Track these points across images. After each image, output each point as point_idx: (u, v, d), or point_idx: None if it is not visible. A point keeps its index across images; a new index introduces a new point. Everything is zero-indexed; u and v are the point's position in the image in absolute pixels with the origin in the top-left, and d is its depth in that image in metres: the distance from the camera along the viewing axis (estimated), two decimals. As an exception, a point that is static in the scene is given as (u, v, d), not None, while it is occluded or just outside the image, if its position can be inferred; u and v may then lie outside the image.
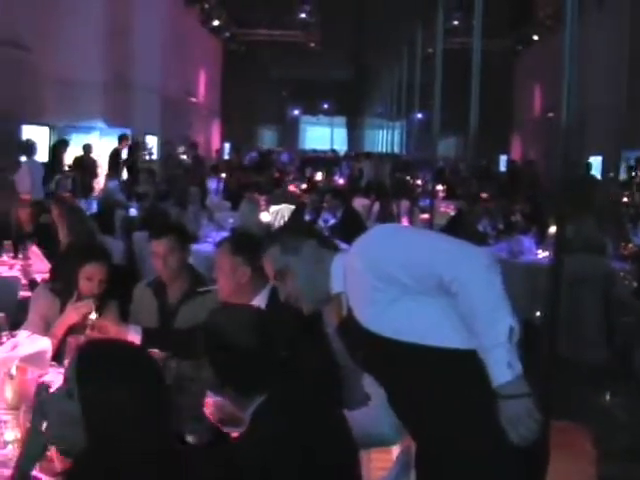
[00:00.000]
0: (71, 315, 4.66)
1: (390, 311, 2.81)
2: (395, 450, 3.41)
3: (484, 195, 13.47)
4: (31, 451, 2.71)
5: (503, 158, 30.09)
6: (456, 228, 9.86)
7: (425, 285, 2.79)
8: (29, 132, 14.91)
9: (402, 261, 2.80)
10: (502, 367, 2.67)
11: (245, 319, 3.00)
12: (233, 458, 2.74)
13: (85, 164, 16.11)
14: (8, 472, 3.02)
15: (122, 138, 17.55)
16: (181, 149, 21.59)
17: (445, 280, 2.73)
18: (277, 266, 3.16)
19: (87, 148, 16.76)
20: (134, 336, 4.31)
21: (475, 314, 2.71)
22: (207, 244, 8.60)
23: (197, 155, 19.94)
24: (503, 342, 2.66)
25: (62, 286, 4.90)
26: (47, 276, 5.87)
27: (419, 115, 18.89)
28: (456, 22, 25.56)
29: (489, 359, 2.70)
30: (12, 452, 3.19)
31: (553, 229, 7.82)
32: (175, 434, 2.55)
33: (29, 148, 12.75)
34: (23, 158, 12.40)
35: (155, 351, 3.94)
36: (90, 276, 4.70)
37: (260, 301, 4.19)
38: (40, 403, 2.70)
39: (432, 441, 2.87)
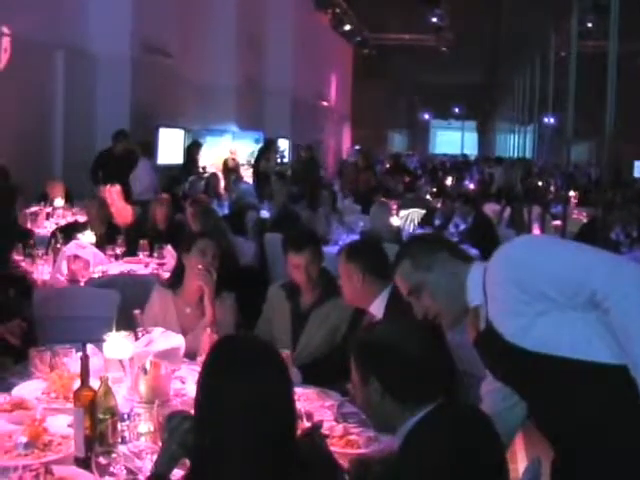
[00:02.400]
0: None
1: (536, 324, 2.70)
2: (522, 461, 3.36)
3: (617, 202, 13.13)
4: (168, 456, 2.73)
5: (638, 164, 29.22)
6: (589, 236, 9.63)
7: (575, 301, 2.66)
8: (165, 135, 15.26)
9: (551, 276, 2.68)
10: None
11: (411, 330, 2.93)
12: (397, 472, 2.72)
13: (216, 166, 16.49)
14: (140, 463, 3.11)
15: (269, 142, 17.98)
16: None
17: (598, 296, 2.61)
18: (410, 283, 3.06)
19: (220, 150, 17.09)
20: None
21: (629, 331, 2.58)
22: (337, 247, 8.63)
23: (313, 157, 20.00)
24: None
25: (175, 278, 5.06)
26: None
27: (551, 119, 18.58)
28: (590, 24, 25.00)
29: None
30: (145, 444, 3.26)
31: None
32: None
33: (147, 149, 12.99)
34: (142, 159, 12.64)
35: (286, 352, 3.98)
36: (203, 249, 4.85)
37: (380, 303, 4.27)
38: (171, 429, 2.75)
39: (574, 455, 2.78)
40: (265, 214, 11.61)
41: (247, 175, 17.56)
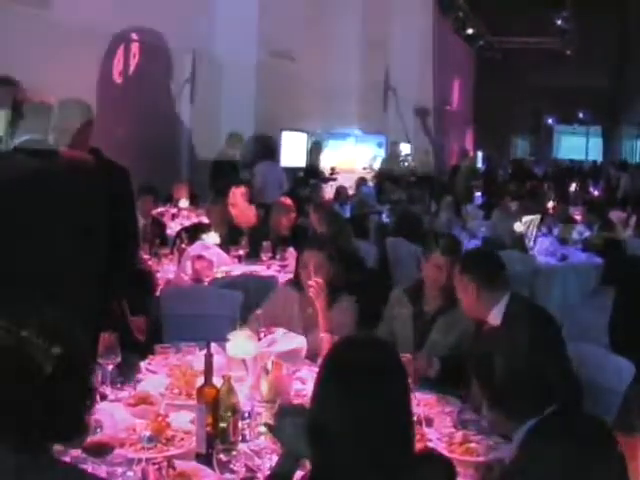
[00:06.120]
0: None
1: None
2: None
3: None
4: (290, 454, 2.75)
5: None
6: None
7: None
8: (288, 138, 15.40)
9: None
10: None
11: (517, 342, 2.87)
12: None
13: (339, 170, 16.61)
14: (260, 461, 3.14)
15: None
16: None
17: None
18: None
19: (339, 154, 17.18)
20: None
21: None
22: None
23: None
24: None
25: (296, 280, 5.09)
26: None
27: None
28: None
29: None
30: (265, 443, 3.30)
31: None
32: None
33: (267, 151, 13.09)
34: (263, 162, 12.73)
35: (407, 355, 3.96)
36: (306, 262, 4.89)
37: (497, 312, 4.21)
38: (280, 421, 2.77)
39: None
40: (386, 218, 11.62)
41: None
